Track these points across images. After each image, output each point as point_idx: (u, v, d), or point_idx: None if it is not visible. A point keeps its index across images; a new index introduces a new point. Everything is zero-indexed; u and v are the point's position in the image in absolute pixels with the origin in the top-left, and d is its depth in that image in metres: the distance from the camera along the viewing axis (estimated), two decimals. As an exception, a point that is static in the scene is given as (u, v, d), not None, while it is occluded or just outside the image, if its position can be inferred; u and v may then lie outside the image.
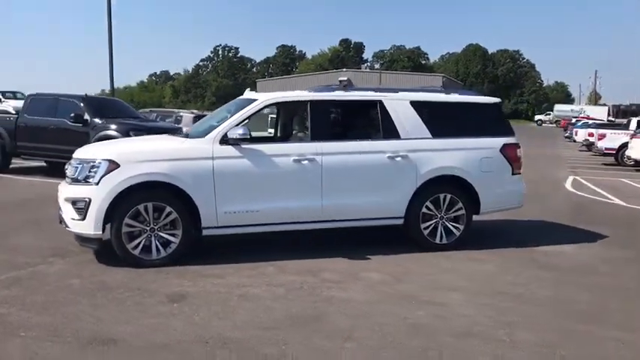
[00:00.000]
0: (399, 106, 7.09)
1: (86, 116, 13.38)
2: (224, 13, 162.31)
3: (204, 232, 6.43)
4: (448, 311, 4.97)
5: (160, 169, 6.17)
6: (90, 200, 6.04)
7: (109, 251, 6.31)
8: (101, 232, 6.12)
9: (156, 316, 4.76)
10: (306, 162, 6.58)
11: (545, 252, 7.24)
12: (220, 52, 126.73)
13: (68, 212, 6.20)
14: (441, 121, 7.38)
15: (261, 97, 6.86)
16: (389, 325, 4.60)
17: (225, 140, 6.40)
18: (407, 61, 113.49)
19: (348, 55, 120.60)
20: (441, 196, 7.10)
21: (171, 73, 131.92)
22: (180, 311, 4.87)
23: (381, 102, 7.05)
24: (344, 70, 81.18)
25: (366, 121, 7.37)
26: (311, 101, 6.83)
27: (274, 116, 9.61)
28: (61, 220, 6.37)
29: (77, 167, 6.26)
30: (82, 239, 6.26)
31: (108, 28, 21.53)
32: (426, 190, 7.05)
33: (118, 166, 6.10)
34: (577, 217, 9.94)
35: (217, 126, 6.61)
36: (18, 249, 6.83)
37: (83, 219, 6.08)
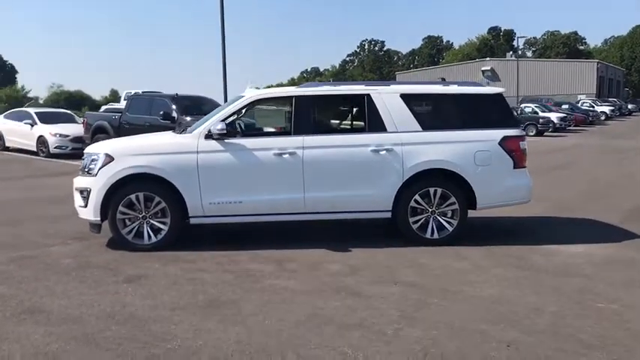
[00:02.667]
0: (387, 99, 7.06)
1: (174, 114, 14.55)
2: (371, 6, 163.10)
3: (192, 221, 6.94)
4: (364, 304, 5.00)
5: (149, 162, 6.77)
6: (90, 190, 6.81)
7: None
8: (100, 219, 6.86)
9: (100, 292, 5.34)
10: (287, 156, 6.83)
11: (542, 251, 6.81)
12: (366, 47, 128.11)
13: (76, 200, 7.04)
14: (433, 113, 7.25)
15: (247, 94, 7.22)
16: (291, 314, 4.76)
17: (209, 135, 6.85)
18: (562, 48, 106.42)
19: (497, 43, 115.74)
20: (432, 190, 6.97)
21: (321, 70, 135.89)
22: (124, 290, 5.41)
23: (368, 96, 7.07)
24: (487, 59, 78.36)
25: (352, 115, 7.44)
26: (295, 97, 7.05)
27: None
28: None
29: (84, 160, 7.07)
30: (90, 225, 7.06)
31: (221, 29, 23.00)
32: (414, 184, 6.96)
33: (112, 159, 6.80)
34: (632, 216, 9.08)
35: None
36: (51, 232, 7.85)
37: (86, 206, 6.87)
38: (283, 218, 7.03)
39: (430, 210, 7.02)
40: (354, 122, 7.37)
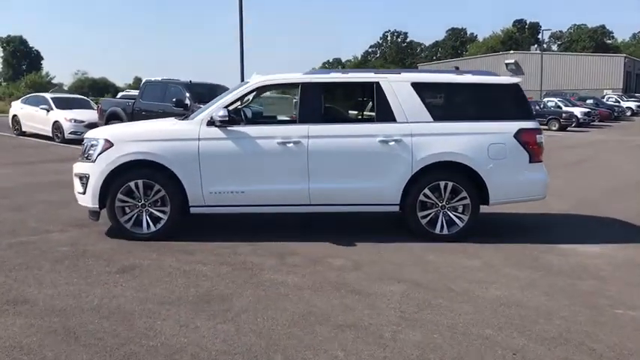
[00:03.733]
0: (397, 88, 6.74)
1: (187, 101, 14.33)
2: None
3: (192, 210, 6.71)
4: (363, 303, 4.72)
5: (148, 148, 6.55)
6: (89, 176, 6.61)
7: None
8: (98, 206, 6.66)
9: (90, 283, 5.14)
10: (291, 145, 6.56)
11: (558, 251, 6.47)
12: (389, 38, 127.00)
13: (76, 186, 6.85)
14: (446, 104, 6.93)
15: (252, 80, 6.96)
16: (285, 311, 4.51)
17: (211, 122, 6.60)
18: (588, 42, 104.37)
19: (522, 36, 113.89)
20: (442, 183, 6.65)
21: (343, 60, 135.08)
22: (115, 281, 5.20)
23: (377, 84, 6.76)
24: (511, 52, 77.15)
25: (361, 104, 7.15)
26: (302, 83, 6.77)
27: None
28: None
29: (85, 146, 6.87)
30: (89, 212, 6.86)
31: (239, 16, 22.78)
32: (423, 177, 6.65)
33: (111, 145, 6.59)
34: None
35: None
36: (53, 218, 7.69)
37: (84, 193, 6.68)
38: (287, 210, 6.77)
39: (440, 204, 6.71)
40: (363, 112, 7.07)
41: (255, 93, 7.43)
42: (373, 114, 6.81)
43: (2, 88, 70.55)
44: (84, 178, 6.68)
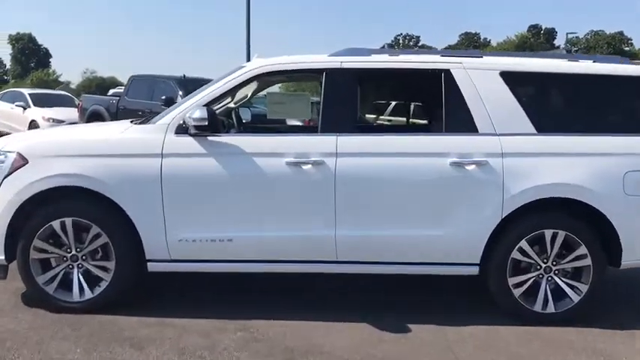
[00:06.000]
0: (480, 79, 4.25)
1: (179, 99, 11.91)
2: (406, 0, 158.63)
3: (151, 267, 4.26)
4: None
5: (82, 169, 4.11)
6: (-12, 209, 4.15)
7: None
8: (4, 257, 4.20)
9: None
10: (309, 167, 4.09)
11: None
12: (401, 41, 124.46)
13: (-27, 224, 4.36)
14: (555, 106, 4.45)
15: (249, 65, 4.46)
16: None
17: (183, 128, 4.14)
18: (606, 48, 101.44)
19: (537, 41, 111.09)
20: (548, 233, 4.16)
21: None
22: None
23: (448, 73, 4.27)
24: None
25: (419, 104, 4.64)
26: (327, 71, 4.28)
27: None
28: None
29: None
30: (-8, 265, 4.38)
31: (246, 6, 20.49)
32: (519, 223, 4.18)
33: (25, 161, 4.15)
34: None
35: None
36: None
37: (-22, 237, 4.21)
38: (300, 269, 4.31)
39: (544, 266, 4.20)
40: (422, 116, 4.55)
41: (254, 86, 4.99)
42: (440, 121, 4.30)
43: (10, 85, 69.10)
44: (-17, 213, 4.21)
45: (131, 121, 4.83)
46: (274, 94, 5.32)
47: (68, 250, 4.21)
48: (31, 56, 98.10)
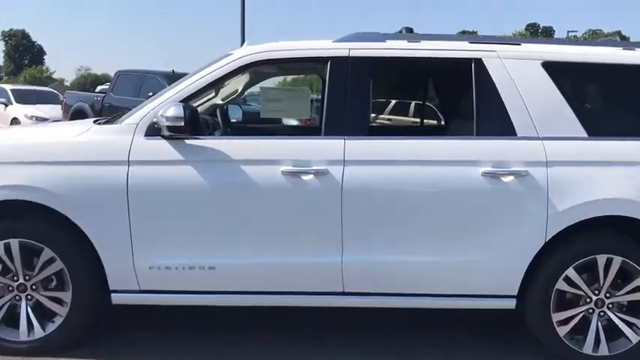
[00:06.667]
0: (518, 71, 3.49)
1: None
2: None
3: (116, 299, 3.48)
4: None
5: (30, 179, 3.33)
6: None
7: None
8: None
9: None
10: (310, 177, 3.32)
11: None
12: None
13: None
14: (612, 104, 3.67)
15: (239, 52, 3.67)
16: None
17: (154, 129, 3.36)
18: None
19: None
20: (601, 259, 3.40)
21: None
22: None
23: (479, 63, 3.49)
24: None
25: (445, 102, 3.86)
26: (332, 59, 3.50)
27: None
28: None
29: None
30: None
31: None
32: (567, 246, 3.42)
33: (-43, 170, 3.35)
34: None
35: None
36: None
37: None
38: (298, 302, 3.53)
39: (595, 299, 3.44)
40: (448, 116, 3.80)
41: (246, 79, 4.22)
42: (470, 121, 3.52)
43: (2, 82, 68.34)
44: None
45: (94, 121, 4.04)
46: (268, 90, 4.53)
47: (15, 278, 3.44)
48: (24, 53, 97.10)
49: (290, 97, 4.35)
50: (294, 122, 6.11)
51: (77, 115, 13.02)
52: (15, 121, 15.21)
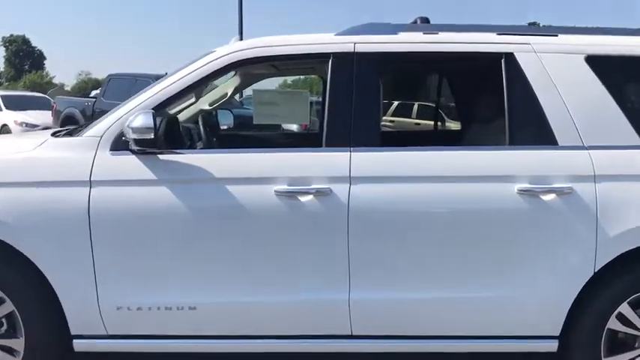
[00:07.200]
0: (557, 67, 2.91)
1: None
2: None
3: (78, 346, 2.91)
4: None
5: (-32, 204, 2.74)
6: None
7: None
8: None
9: None
10: (309, 198, 2.74)
11: None
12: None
13: None
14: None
15: (223, 49, 3.08)
16: None
17: (120, 142, 2.78)
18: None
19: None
20: (661, 293, 2.79)
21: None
22: None
23: (510, 58, 2.91)
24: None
25: (470, 105, 3.29)
26: (335, 56, 2.91)
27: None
28: None
29: None
30: None
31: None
32: (620, 278, 2.83)
33: None
34: None
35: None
36: None
37: None
38: (296, 347, 2.94)
39: (653, 340, 2.84)
40: (473, 121, 3.22)
41: (237, 81, 3.66)
42: (501, 128, 2.94)
43: (3, 88, 68.00)
44: None
45: (53, 133, 3.45)
46: (261, 92, 3.93)
47: (-45, 322, 2.86)
48: (24, 59, 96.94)
49: (286, 101, 3.76)
50: (293, 128, 5.55)
51: (68, 121, 12.50)
52: (5, 128, 14.67)
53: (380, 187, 2.78)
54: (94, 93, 21.31)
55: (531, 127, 2.87)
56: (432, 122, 4.61)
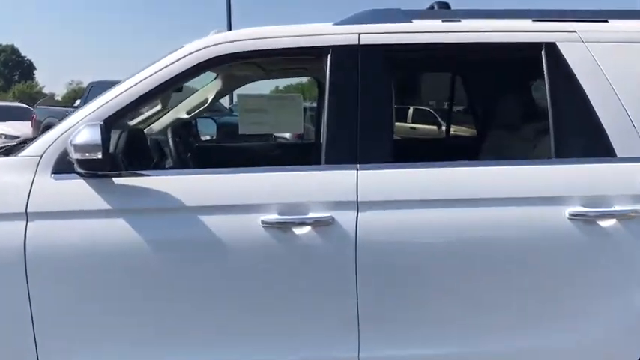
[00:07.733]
0: (610, 60, 2.34)
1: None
2: None
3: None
4: None
5: None
6: None
7: None
8: None
9: None
10: (306, 230, 2.14)
11: None
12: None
13: None
14: None
15: (195, 43, 2.47)
16: None
17: (64, 163, 2.17)
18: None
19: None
20: None
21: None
22: None
23: (552, 48, 2.34)
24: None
25: (502, 108, 2.71)
26: (335, 50, 2.32)
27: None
28: None
29: None
30: None
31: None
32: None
33: None
34: None
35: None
36: None
37: None
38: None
39: None
40: (507, 129, 2.64)
41: (218, 85, 3.06)
42: (543, 137, 2.35)
43: (-8, 98, 67.38)
44: None
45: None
46: (247, 97, 3.33)
47: None
48: (14, 68, 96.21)
49: (276, 107, 3.15)
50: (286, 136, 4.94)
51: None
52: (-16, 141, 14.01)
53: (396, 215, 2.19)
54: (77, 102, 20.69)
55: (582, 136, 2.29)
56: (434, 127, 4.05)
